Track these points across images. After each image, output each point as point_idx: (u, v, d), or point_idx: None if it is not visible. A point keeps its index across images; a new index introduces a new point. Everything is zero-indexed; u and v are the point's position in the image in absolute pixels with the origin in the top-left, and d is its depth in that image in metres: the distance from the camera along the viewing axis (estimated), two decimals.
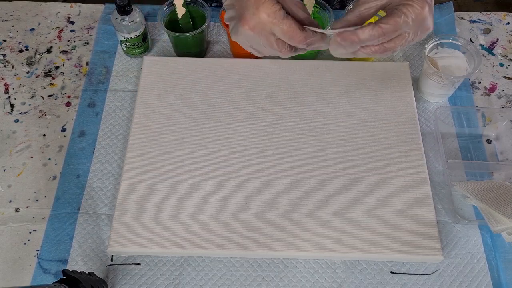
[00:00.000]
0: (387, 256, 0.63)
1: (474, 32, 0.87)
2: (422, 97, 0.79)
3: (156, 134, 0.71)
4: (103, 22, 0.86)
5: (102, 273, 0.64)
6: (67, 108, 0.78)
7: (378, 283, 0.63)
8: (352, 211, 0.65)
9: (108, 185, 0.70)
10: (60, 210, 0.68)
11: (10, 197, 0.70)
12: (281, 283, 0.63)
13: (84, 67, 0.82)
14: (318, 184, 0.67)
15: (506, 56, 0.84)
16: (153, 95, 0.75)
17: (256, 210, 0.65)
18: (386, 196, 0.66)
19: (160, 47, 0.84)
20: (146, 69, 0.77)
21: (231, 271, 0.64)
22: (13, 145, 0.74)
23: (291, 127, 0.72)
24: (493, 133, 0.75)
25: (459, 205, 0.68)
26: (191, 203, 0.66)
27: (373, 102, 0.74)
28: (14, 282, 0.63)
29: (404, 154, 0.70)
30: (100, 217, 0.68)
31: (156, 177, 0.68)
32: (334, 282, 0.63)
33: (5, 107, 0.78)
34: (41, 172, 0.72)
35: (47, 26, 0.87)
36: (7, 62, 0.83)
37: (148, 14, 0.87)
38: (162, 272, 0.64)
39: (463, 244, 0.66)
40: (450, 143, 0.74)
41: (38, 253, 0.65)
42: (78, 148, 0.73)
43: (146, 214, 0.65)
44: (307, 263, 0.64)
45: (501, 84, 0.81)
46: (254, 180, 0.68)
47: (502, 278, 0.64)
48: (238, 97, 0.74)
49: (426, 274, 0.64)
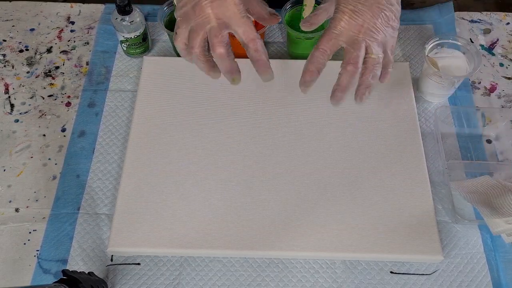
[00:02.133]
0: (387, 256, 0.63)
1: (474, 32, 0.87)
2: (422, 97, 0.79)
3: (156, 134, 0.71)
4: (103, 22, 0.86)
5: (102, 273, 0.64)
6: (67, 108, 0.78)
7: (378, 283, 0.63)
8: (352, 211, 0.65)
9: (108, 185, 0.70)
10: (60, 210, 0.68)
11: (10, 197, 0.70)
12: (281, 283, 0.63)
13: (84, 67, 0.82)
14: (318, 184, 0.67)
15: (506, 56, 0.84)
16: (153, 95, 0.75)
17: (256, 210, 0.65)
18: (386, 196, 0.66)
19: (160, 47, 0.84)
20: (146, 69, 0.77)
21: (231, 271, 0.64)
22: (13, 145, 0.74)
23: (291, 127, 0.72)
24: (493, 133, 0.75)
25: (459, 205, 0.68)
26: (191, 203, 0.66)
27: (373, 102, 0.74)
28: (14, 282, 0.63)
29: (404, 154, 0.70)
30: (100, 217, 0.68)
31: (156, 177, 0.68)
32: (334, 282, 0.63)
33: (5, 107, 0.78)
34: (41, 172, 0.72)
35: (47, 26, 0.87)
36: (7, 62, 0.83)
37: (148, 14, 0.87)
38: (162, 272, 0.64)
39: (463, 244, 0.66)
40: (450, 143, 0.74)
41: (38, 253, 0.65)
42: (78, 148, 0.73)
43: (146, 214, 0.65)
44: (307, 263, 0.64)
45: (501, 84, 0.81)
46: (254, 180, 0.68)
47: (502, 278, 0.64)
48: (238, 97, 0.74)
49: (426, 274, 0.64)
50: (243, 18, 0.55)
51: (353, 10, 0.55)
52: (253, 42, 0.55)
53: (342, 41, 0.56)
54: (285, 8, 0.78)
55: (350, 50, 0.56)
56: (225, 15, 0.55)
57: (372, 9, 0.55)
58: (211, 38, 0.55)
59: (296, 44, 0.79)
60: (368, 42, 0.56)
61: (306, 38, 0.76)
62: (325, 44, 0.56)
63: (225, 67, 0.56)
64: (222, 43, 0.55)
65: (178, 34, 0.57)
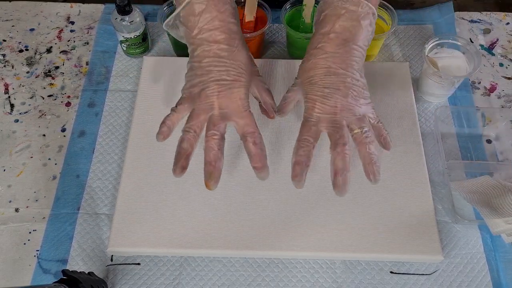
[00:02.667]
0: (387, 256, 0.63)
1: (474, 32, 0.87)
2: (422, 97, 0.79)
3: (156, 134, 0.71)
4: (103, 22, 0.86)
5: (102, 273, 0.64)
6: (67, 108, 0.78)
7: (378, 283, 0.63)
8: (352, 211, 0.65)
9: (108, 185, 0.70)
10: (60, 210, 0.68)
11: (10, 197, 0.70)
12: (281, 283, 0.63)
13: (84, 67, 0.82)
14: (318, 184, 0.67)
15: (506, 56, 0.84)
16: (153, 95, 0.75)
17: (256, 210, 0.65)
18: (386, 196, 0.66)
19: (160, 47, 0.84)
20: (146, 69, 0.77)
21: (231, 271, 0.64)
22: (13, 145, 0.74)
23: (291, 126, 0.72)
24: (493, 133, 0.75)
25: (459, 205, 0.68)
26: (191, 203, 0.66)
27: (373, 102, 0.74)
28: (14, 282, 0.63)
29: (404, 154, 0.70)
30: (100, 217, 0.68)
31: (156, 177, 0.68)
32: (334, 282, 0.63)
33: (5, 107, 0.78)
34: (41, 172, 0.72)
35: (47, 26, 0.87)
36: (7, 62, 0.83)
37: (148, 14, 0.87)
38: (162, 272, 0.64)
39: (463, 244, 0.66)
40: (450, 143, 0.74)
41: (38, 253, 0.65)
42: (78, 148, 0.73)
43: (146, 214, 0.65)
44: (307, 263, 0.64)
45: (501, 84, 0.81)
46: (254, 179, 0.67)
47: (502, 278, 0.64)
48: None
49: (426, 274, 0.64)
50: (245, 112, 0.58)
51: (322, 95, 0.57)
52: (253, 135, 0.57)
53: (322, 127, 0.57)
54: (285, 8, 0.78)
55: (333, 133, 0.56)
56: (228, 107, 0.57)
57: (340, 89, 0.57)
58: (209, 124, 0.57)
59: (296, 44, 0.79)
60: (347, 119, 0.57)
61: (306, 38, 0.76)
62: (305, 134, 0.57)
63: (209, 156, 0.57)
64: (217, 132, 0.56)
65: (178, 109, 0.59)
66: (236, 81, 0.58)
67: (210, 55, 0.57)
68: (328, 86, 0.57)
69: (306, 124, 0.58)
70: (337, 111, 0.57)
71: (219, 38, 0.57)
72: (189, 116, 0.58)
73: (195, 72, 0.59)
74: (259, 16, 0.78)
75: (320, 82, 0.57)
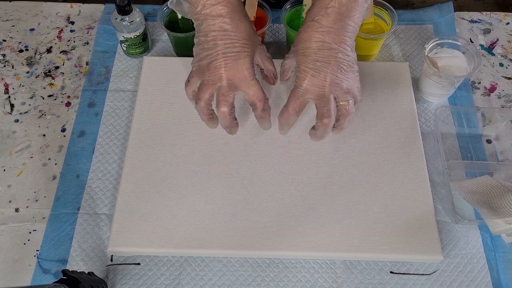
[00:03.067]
0: (387, 256, 0.63)
1: (474, 32, 0.87)
2: (422, 97, 0.79)
3: (156, 134, 0.71)
4: (103, 22, 0.86)
5: (102, 273, 0.64)
6: (67, 108, 0.78)
7: (378, 283, 0.63)
8: (352, 211, 0.65)
9: (108, 185, 0.70)
10: (60, 210, 0.68)
11: (10, 197, 0.70)
12: (281, 283, 0.63)
13: (84, 67, 0.82)
14: (318, 184, 0.67)
15: (506, 56, 0.84)
16: (153, 95, 0.75)
17: (256, 210, 0.65)
18: (386, 196, 0.66)
19: (160, 47, 0.84)
20: (146, 69, 0.77)
21: (231, 271, 0.64)
22: (13, 145, 0.74)
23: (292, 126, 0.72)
24: (493, 133, 0.75)
25: (459, 205, 0.68)
26: (191, 203, 0.66)
27: (373, 102, 0.74)
28: (14, 282, 0.63)
29: (404, 154, 0.70)
30: (100, 217, 0.68)
31: (156, 177, 0.68)
32: (334, 282, 0.63)
33: (5, 107, 0.78)
34: (41, 172, 0.72)
35: (47, 26, 0.87)
36: (7, 62, 0.83)
37: (148, 14, 0.87)
38: (162, 272, 0.64)
39: (463, 244, 0.66)
40: (450, 143, 0.74)
41: (38, 253, 0.65)
42: (78, 148, 0.73)
43: (146, 214, 0.65)
44: (307, 263, 0.64)
45: (501, 84, 0.81)
46: (254, 180, 0.68)
47: (502, 278, 0.64)
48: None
49: (426, 274, 0.64)
50: (253, 81, 0.61)
51: (313, 68, 0.60)
52: (261, 102, 0.62)
53: (309, 98, 0.61)
54: (285, 8, 0.78)
55: (320, 104, 0.61)
56: (236, 77, 0.60)
57: (331, 63, 0.60)
58: (219, 95, 0.60)
59: None
60: (335, 93, 0.60)
61: None
62: (293, 104, 0.62)
63: (225, 123, 0.63)
64: (227, 103, 0.61)
65: (190, 83, 0.64)
66: (241, 52, 0.60)
67: (215, 29, 0.60)
68: (320, 60, 0.60)
69: (294, 93, 0.62)
70: (325, 85, 0.60)
71: (222, 12, 0.59)
72: (199, 88, 0.62)
73: (202, 46, 0.61)
74: (259, 16, 0.78)
75: (313, 55, 0.60)
